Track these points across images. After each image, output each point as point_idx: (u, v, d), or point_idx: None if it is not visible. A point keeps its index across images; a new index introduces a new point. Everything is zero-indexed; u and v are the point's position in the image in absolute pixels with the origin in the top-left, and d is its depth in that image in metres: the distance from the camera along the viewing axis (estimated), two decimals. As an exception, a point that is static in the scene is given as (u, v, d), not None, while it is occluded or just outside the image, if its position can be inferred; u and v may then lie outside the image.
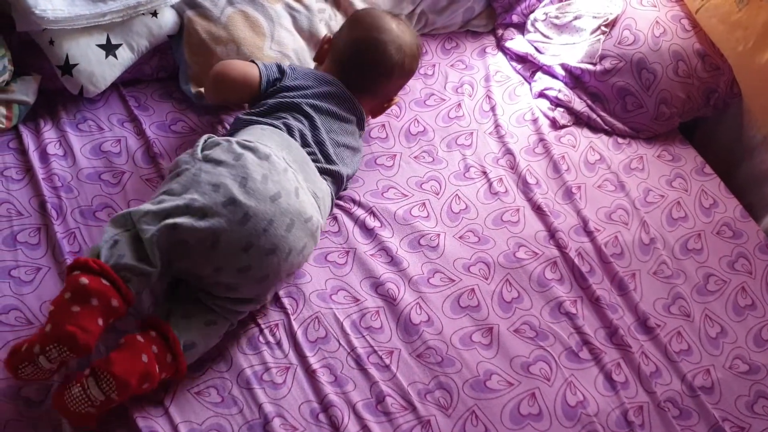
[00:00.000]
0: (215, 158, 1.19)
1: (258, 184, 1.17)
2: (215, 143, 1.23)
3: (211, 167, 1.17)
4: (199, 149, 1.22)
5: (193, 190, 1.14)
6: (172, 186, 1.17)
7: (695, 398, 1.26)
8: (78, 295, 1.04)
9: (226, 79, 1.39)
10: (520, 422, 1.19)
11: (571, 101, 1.65)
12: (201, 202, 1.13)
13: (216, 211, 1.13)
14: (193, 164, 1.19)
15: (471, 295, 1.32)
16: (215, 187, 1.14)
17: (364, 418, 1.15)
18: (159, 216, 1.12)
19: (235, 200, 1.14)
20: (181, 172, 1.19)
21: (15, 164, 1.39)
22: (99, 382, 1.03)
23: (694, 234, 1.49)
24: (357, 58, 1.41)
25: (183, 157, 1.22)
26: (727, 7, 1.60)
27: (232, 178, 1.16)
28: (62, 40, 1.42)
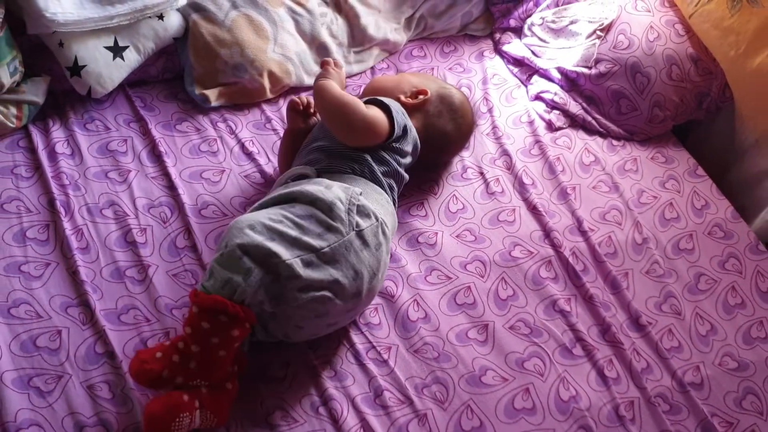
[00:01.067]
0: (364, 237, 1.19)
1: (378, 281, 1.23)
2: (366, 212, 1.21)
3: (359, 246, 1.18)
4: (355, 210, 1.20)
5: (339, 267, 1.15)
6: (325, 249, 1.15)
7: (685, 394, 1.28)
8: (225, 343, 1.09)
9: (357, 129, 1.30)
10: (514, 416, 1.22)
11: (566, 104, 1.67)
12: (340, 285, 1.15)
13: (342, 298, 1.16)
14: (347, 231, 1.17)
15: (467, 293, 1.35)
16: (355, 274, 1.17)
17: (363, 411, 1.18)
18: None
19: (360, 295, 1.19)
20: (332, 227, 1.16)
21: (24, 162, 1.42)
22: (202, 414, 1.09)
23: (686, 234, 1.52)
24: (441, 149, 1.48)
25: (339, 207, 1.18)
26: (719, 12, 1.63)
27: (368, 269, 1.19)
28: (71, 43, 1.45)
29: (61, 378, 1.15)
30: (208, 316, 1.07)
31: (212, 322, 1.07)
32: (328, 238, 1.16)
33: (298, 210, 1.17)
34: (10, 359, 1.16)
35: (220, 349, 1.08)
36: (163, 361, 1.08)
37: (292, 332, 1.19)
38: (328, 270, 1.15)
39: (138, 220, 1.36)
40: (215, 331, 1.07)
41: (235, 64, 1.56)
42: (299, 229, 1.15)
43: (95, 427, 1.11)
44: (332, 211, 1.17)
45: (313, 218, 1.17)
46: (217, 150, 1.51)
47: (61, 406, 1.13)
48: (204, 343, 1.08)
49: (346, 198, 1.20)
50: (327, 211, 1.17)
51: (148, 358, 1.08)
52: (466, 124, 1.50)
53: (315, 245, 1.14)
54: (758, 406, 1.29)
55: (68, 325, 1.21)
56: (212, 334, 1.07)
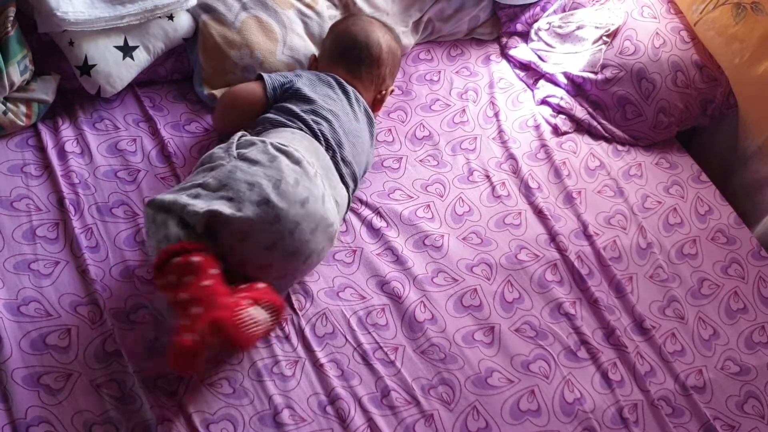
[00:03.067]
0: (250, 157, 1.22)
1: (290, 187, 1.20)
2: (250, 142, 1.26)
3: (247, 166, 1.21)
4: (234, 146, 1.25)
5: (228, 187, 1.18)
6: (208, 180, 1.21)
7: (688, 397, 1.30)
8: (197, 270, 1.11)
9: (231, 102, 1.42)
10: (519, 418, 1.23)
11: (572, 109, 1.69)
12: (237, 199, 1.17)
13: (248, 208, 1.17)
14: (228, 160, 1.22)
15: (473, 295, 1.36)
16: (250, 185, 1.18)
17: (370, 411, 1.19)
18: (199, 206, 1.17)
19: (268, 201, 1.18)
20: (215, 167, 1.22)
21: (34, 161, 1.42)
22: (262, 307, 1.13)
23: (690, 240, 1.53)
24: (340, 49, 1.51)
25: (217, 152, 1.26)
26: (724, 20, 1.64)
27: (267, 179, 1.20)
28: (81, 42, 1.45)
29: (71, 376, 1.16)
30: (166, 270, 1.11)
31: (174, 270, 1.10)
32: (212, 174, 1.21)
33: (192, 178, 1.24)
34: (20, 357, 1.17)
35: (201, 281, 1.09)
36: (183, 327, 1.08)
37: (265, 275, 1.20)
38: (218, 193, 1.18)
39: (147, 220, 1.37)
40: (183, 271, 1.10)
41: (244, 66, 1.56)
42: (193, 181, 1.21)
43: (104, 425, 1.12)
44: (211, 157, 1.25)
45: (199, 170, 1.24)
46: (225, 150, 1.51)
47: (70, 404, 1.13)
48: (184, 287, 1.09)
49: (225, 145, 1.27)
50: (208, 161, 1.25)
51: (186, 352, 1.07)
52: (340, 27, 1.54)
53: (199, 181, 1.20)
54: (760, 409, 1.30)
55: (77, 324, 1.22)
56: (183, 274, 1.10)
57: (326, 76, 1.47)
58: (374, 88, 1.53)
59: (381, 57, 1.52)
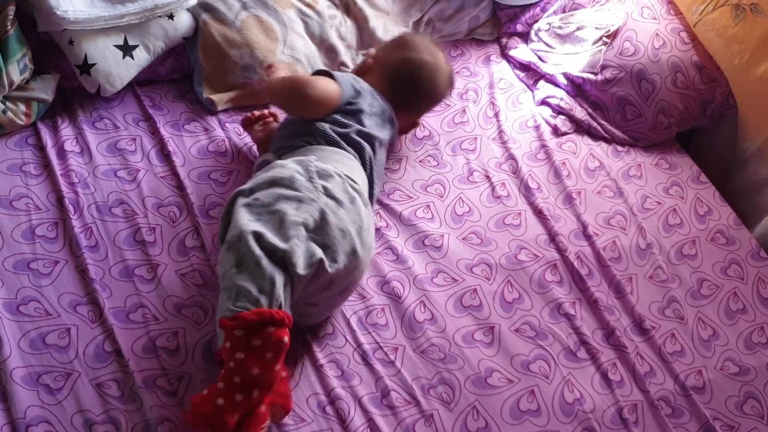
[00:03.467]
0: (335, 196, 1.20)
1: (366, 234, 1.22)
2: (328, 174, 1.23)
3: (335, 207, 1.19)
4: (316, 176, 1.21)
5: (324, 233, 1.16)
6: (306, 218, 1.15)
7: (687, 397, 1.30)
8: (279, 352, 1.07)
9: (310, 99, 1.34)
10: (519, 418, 1.23)
11: (572, 109, 1.69)
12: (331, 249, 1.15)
13: (341, 258, 1.16)
14: (317, 196, 1.18)
15: (473, 295, 1.36)
16: (342, 233, 1.17)
17: (370, 411, 1.19)
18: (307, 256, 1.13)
19: (355, 252, 1.18)
20: (303, 199, 1.17)
21: (33, 160, 1.42)
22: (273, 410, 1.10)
23: (689, 240, 1.53)
24: (411, 79, 1.46)
25: (298, 178, 1.19)
26: (723, 21, 1.65)
27: (353, 225, 1.19)
28: (81, 41, 1.45)
29: (70, 375, 1.16)
30: (256, 332, 1.05)
31: (263, 336, 1.05)
32: (306, 209, 1.16)
33: (263, 197, 1.16)
34: (19, 356, 1.16)
35: (275, 363, 1.06)
36: (227, 406, 1.03)
37: (307, 311, 1.20)
38: (314, 236, 1.15)
39: (147, 219, 1.37)
40: (268, 345, 1.05)
41: (244, 65, 1.56)
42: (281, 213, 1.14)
43: (104, 424, 1.12)
44: (294, 183, 1.18)
45: (282, 198, 1.16)
46: (225, 150, 1.51)
47: (70, 404, 1.13)
48: (261, 361, 1.04)
49: (303, 168, 1.22)
50: (290, 185, 1.18)
51: (210, 412, 1.03)
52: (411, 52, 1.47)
53: (299, 220, 1.14)
54: (759, 410, 1.31)
55: (77, 323, 1.22)
56: (266, 348, 1.05)
57: (382, 107, 1.42)
58: (411, 117, 1.53)
59: (434, 106, 1.55)
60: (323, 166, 1.23)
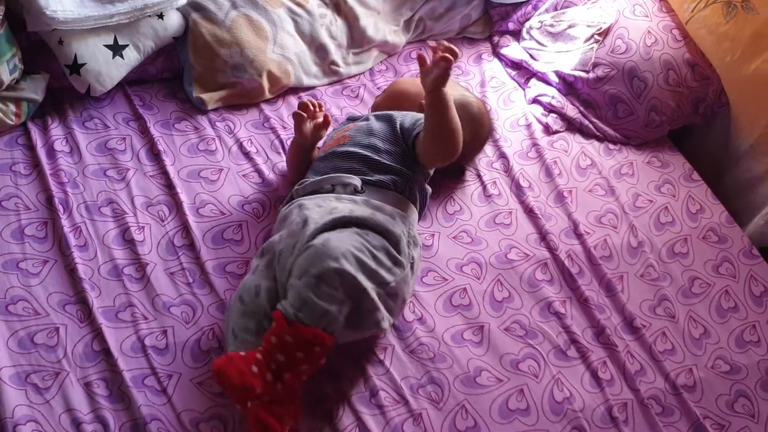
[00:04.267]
0: (414, 268, 1.26)
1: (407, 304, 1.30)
2: (416, 242, 1.28)
3: (410, 277, 1.25)
4: (412, 243, 1.26)
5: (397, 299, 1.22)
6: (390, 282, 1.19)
7: (678, 396, 1.29)
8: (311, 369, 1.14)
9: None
10: (508, 417, 1.23)
11: (564, 107, 1.68)
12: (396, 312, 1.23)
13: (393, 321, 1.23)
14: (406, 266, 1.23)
15: (463, 294, 1.36)
16: (403, 303, 1.25)
17: (358, 410, 1.19)
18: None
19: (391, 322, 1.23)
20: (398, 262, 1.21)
21: (23, 160, 1.42)
22: None
23: (681, 238, 1.53)
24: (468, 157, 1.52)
25: (404, 243, 1.23)
26: (715, 19, 1.64)
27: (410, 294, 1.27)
28: (71, 40, 1.45)
29: (59, 375, 1.16)
30: (304, 346, 1.10)
31: (306, 352, 1.10)
32: (395, 273, 1.20)
33: (373, 240, 1.20)
34: (7, 356, 1.16)
35: (304, 375, 1.13)
36: (259, 377, 1.08)
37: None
38: (388, 302, 1.20)
39: (136, 218, 1.37)
40: (307, 360, 1.11)
41: (234, 64, 1.56)
42: (375, 261, 1.18)
43: (92, 423, 1.12)
44: (399, 245, 1.23)
45: (384, 251, 1.20)
46: (216, 149, 1.51)
47: (58, 403, 1.13)
48: (295, 371, 1.11)
49: (406, 230, 1.26)
50: (395, 245, 1.22)
51: (246, 371, 1.07)
52: (484, 133, 1.53)
53: (387, 279, 1.19)
54: (750, 408, 1.30)
55: (66, 323, 1.22)
56: (304, 362, 1.11)
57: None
58: None
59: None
60: (415, 234, 1.29)
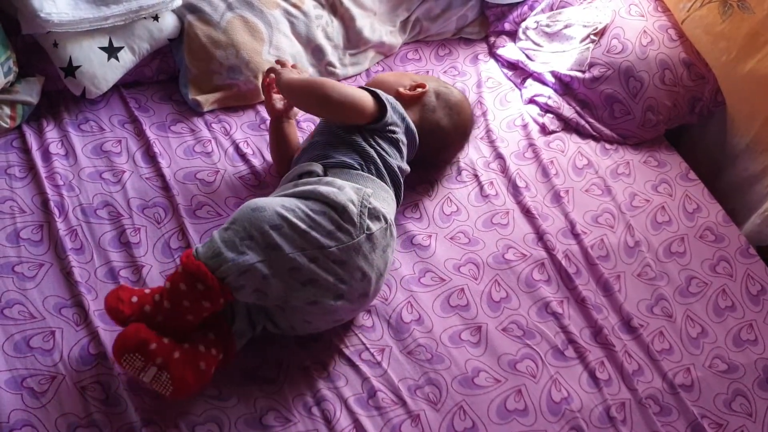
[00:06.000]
0: (374, 241, 1.20)
1: (383, 281, 1.25)
2: (375, 215, 1.21)
3: (369, 249, 1.19)
4: (366, 213, 1.20)
5: (345, 267, 1.16)
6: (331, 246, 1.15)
7: (675, 395, 1.29)
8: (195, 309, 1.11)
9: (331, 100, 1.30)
10: (506, 417, 1.22)
11: (560, 107, 1.68)
12: (345, 288, 1.17)
13: (350, 298, 1.19)
14: (357, 234, 1.17)
15: (460, 295, 1.36)
16: (363, 276, 1.19)
17: (356, 412, 1.19)
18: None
19: (367, 295, 1.21)
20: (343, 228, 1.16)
21: (18, 163, 1.42)
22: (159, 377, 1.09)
23: (678, 238, 1.53)
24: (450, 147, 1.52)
25: (352, 210, 1.18)
26: (711, 18, 1.64)
27: (375, 271, 1.21)
28: (66, 43, 1.45)
29: (55, 379, 1.15)
30: (188, 279, 1.10)
31: (189, 287, 1.10)
32: (338, 238, 1.16)
33: (312, 204, 1.18)
34: (3, 360, 1.16)
35: (188, 314, 1.11)
36: (135, 306, 1.12)
37: (299, 325, 1.21)
38: (335, 269, 1.15)
39: (132, 221, 1.36)
40: (188, 295, 1.10)
41: (230, 66, 1.56)
42: (310, 222, 1.15)
43: (88, 427, 1.11)
44: (345, 213, 1.18)
45: (326, 215, 1.17)
46: (212, 151, 1.51)
47: (54, 407, 1.13)
48: (175, 302, 1.11)
49: (358, 200, 1.20)
50: (340, 212, 1.18)
51: (125, 298, 1.13)
52: (462, 121, 1.50)
53: (323, 243, 1.15)
54: (747, 407, 1.30)
55: (62, 326, 1.21)
56: (185, 296, 1.10)
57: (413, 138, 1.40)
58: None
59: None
60: (375, 206, 1.22)
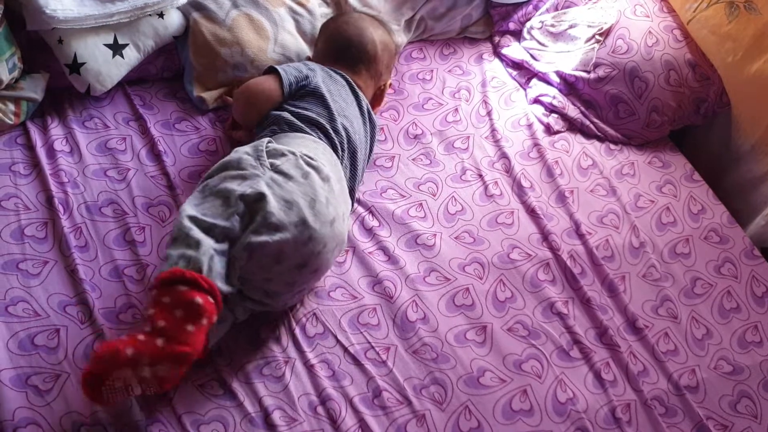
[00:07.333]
0: (284, 171, 1.19)
1: (323, 207, 1.19)
2: (280, 152, 1.22)
3: (282, 180, 1.18)
4: (265, 155, 1.21)
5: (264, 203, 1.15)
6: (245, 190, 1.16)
7: (681, 397, 1.29)
8: (192, 314, 1.05)
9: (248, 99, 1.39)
10: (511, 417, 1.22)
11: (565, 107, 1.68)
12: (276, 217, 1.15)
13: (287, 228, 1.15)
14: (262, 172, 1.18)
15: (466, 294, 1.36)
16: (288, 203, 1.16)
17: (361, 411, 1.18)
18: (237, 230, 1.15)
19: (305, 221, 1.17)
20: (248, 176, 1.18)
21: (23, 160, 1.41)
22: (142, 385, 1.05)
23: (683, 239, 1.53)
24: (335, 49, 1.51)
25: (246, 159, 1.20)
26: (717, 19, 1.64)
27: (303, 197, 1.18)
28: (71, 39, 1.44)
29: (59, 377, 1.15)
30: (167, 289, 1.06)
31: (172, 294, 1.05)
32: (248, 184, 1.17)
33: (212, 182, 1.20)
34: (7, 357, 1.15)
35: (186, 322, 1.04)
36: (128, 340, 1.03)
37: (269, 289, 1.19)
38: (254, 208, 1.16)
39: (137, 219, 1.36)
40: (177, 302, 1.05)
41: (235, 64, 1.55)
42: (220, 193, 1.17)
43: (93, 426, 1.11)
44: (240, 163, 1.20)
45: (227, 178, 1.19)
46: (216, 149, 1.51)
47: (59, 405, 1.12)
48: (169, 317, 1.04)
49: (253, 150, 1.23)
50: (236, 167, 1.20)
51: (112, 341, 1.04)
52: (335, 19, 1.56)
53: (238, 191, 1.16)
54: (753, 409, 1.30)
55: (66, 324, 1.21)
56: (175, 305, 1.05)
57: (336, 74, 1.45)
58: (373, 84, 1.53)
59: (377, 53, 1.52)
60: (275, 146, 1.24)
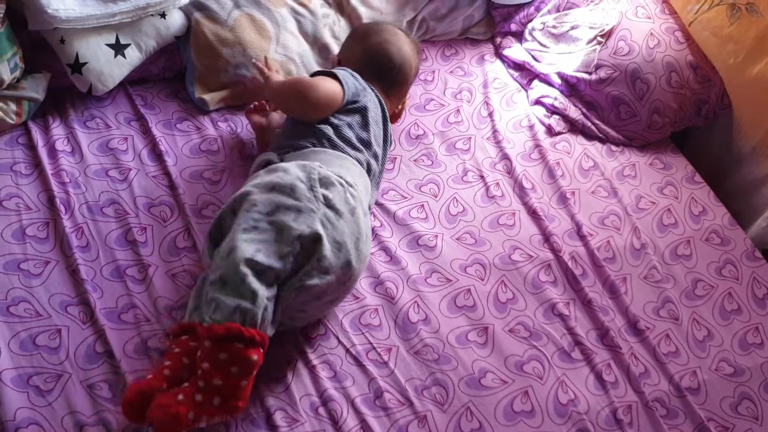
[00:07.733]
0: (335, 207, 1.19)
1: (364, 245, 1.22)
2: (329, 181, 1.21)
3: (334, 218, 1.18)
4: (318, 184, 1.19)
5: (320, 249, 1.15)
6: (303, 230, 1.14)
7: (682, 398, 1.29)
8: (246, 369, 1.06)
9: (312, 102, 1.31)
10: (513, 419, 1.22)
11: (566, 109, 1.68)
12: (328, 261, 1.15)
13: (334, 271, 1.17)
14: (317, 207, 1.17)
15: (467, 295, 1.36)
16: (338, 245, 1.17)
17: (363, 412, 1.18)
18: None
19: (350, 264, 1.18)
20: (302, 209, 1.16)
21: (24, 159, 1.41)
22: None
23: (684, 240, 1.53)
24: (385, 58, 1.47)
25: (300, 187, 1.17)
26: (719, 21, 1.65)
27: (350, 237, 1.18)
28: (73, 39, 1.44)
29: (61, 377, 1.15)
30: (223, 345, 1.05)
31: (229, 351, 1.05)
32: (304, 221, 1.15)
33: (261, 204, 1.15)
34: (9, 358, 1.15)
35: (241, 379, 1.06)
36: (186, 402, 1.03)
37: (295, 316, 1.20)
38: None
39: (138, 219, 1.36)
40: (234, 360, 1.05)
41: (236, 64, 1.55)
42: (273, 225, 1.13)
43: (95, 426, 1.11)
44: (294, 192, 1.17)
45: (281, 208, 1.15)
46: (218, 150, 1.51)
47: (60, 405, 1.12)
48: (225, 374, 1.05)
49: (306, 175, 1.20)
50: (290, 193, 1.16)
51: (171, 403, 1.02)
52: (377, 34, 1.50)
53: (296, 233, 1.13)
54: (754, 411, 1.30)
55: (68, 324, 1.21)
56: (231, 363, 1.05)
57: (377, 99, 1.41)
58: (397, 102, 1.53)
59: (411, 76, 1.53)
60: (325, 173, 1.22)
